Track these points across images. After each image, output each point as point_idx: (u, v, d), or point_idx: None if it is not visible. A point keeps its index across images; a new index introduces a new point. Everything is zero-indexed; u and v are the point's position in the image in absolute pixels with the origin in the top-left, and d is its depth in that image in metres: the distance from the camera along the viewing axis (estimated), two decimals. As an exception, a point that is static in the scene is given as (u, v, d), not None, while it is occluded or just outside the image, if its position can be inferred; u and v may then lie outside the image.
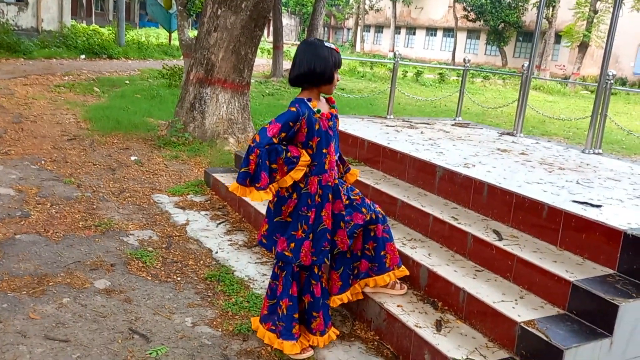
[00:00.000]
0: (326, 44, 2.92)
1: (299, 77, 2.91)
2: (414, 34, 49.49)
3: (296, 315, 2.99)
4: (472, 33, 43.71)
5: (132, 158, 6.62)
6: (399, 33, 49.69)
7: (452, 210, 3.93)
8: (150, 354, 2.87)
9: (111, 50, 19.27)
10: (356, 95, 12.83)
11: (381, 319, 3.20)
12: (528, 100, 6.64)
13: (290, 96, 13.92)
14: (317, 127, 2.90)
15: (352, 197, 3.12)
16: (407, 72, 24.24)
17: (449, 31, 45.23)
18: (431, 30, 47.90)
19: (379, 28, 53.32)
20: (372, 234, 3.18)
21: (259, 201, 2.87)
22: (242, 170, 2.81)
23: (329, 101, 3.08)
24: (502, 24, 37.72)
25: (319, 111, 2.92)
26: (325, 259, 3.02)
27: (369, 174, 4.77)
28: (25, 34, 18.51)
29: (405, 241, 3.73)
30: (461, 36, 43.34)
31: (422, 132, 5.90)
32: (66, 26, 20.52)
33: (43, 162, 6.11)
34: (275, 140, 2.78)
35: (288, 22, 53.15)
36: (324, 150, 2.95)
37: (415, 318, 3.08)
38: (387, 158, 4.83)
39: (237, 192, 2.84)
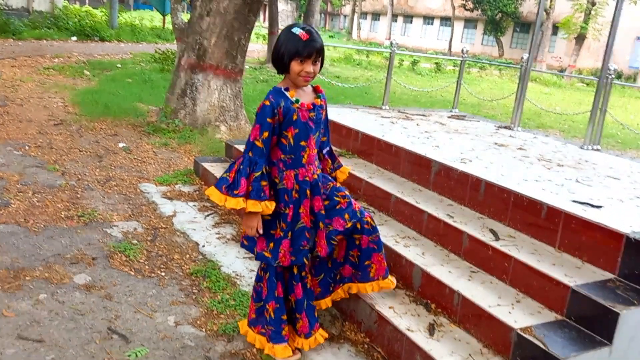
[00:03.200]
0: (293, 29, 2.59)
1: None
2: (411, 22, 49.17)
3: (284, 317, 2.85)
4: (469, 23, 43.45)
5: (120, 145, 6.44)
6: (396, 21, 49.36)
7: (448, 207, 3.80)
8: (129, 355, 2.73)
9: (103, 32, 18.97)
10: (351, 84, 12.63)
11: (372, 320, 3.08)
12: (525, 93, 6.51)
13: (284, 83, 13.70)
14: (294, 117, 2.66)
15: (335, 199, 2.88)
16: (403, 61, 24.06)
17: (446, 20, 44.94)
18: (428, 19, 47.60)
19: (376, 16, 52.94)
20: (357, 242, 2.97)
21: (236, 208, 2.60)
22: (223, 175, 2.67)
23: (315, 90, 2.84)
24: (500, 14, 37.52)
25: (297, 101, 2.68)
26: (305, 259, 2.82)
27: (362, 167, 4.63)
28: (15, 14, 18.16)
29: (398, 239, 3.60)
30: (458, 25, 43.09)
31: (417, 124, 5.76)
32: (58, 7, 20.19)
33: (27, 147, 5.93)
34: (258, 144, 2.61)
35: (284, 7, 52.54)
36: (302, 143, 2.71)
37: (408, 321, 2.96)
38: (382, 151, 4.69)
39: (212, 196, 2.65)
